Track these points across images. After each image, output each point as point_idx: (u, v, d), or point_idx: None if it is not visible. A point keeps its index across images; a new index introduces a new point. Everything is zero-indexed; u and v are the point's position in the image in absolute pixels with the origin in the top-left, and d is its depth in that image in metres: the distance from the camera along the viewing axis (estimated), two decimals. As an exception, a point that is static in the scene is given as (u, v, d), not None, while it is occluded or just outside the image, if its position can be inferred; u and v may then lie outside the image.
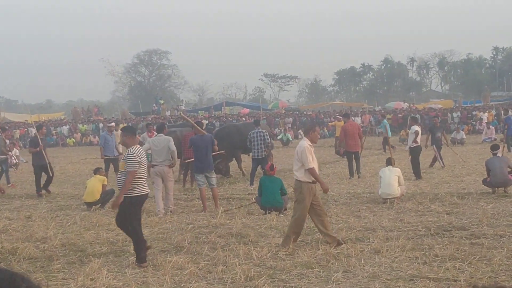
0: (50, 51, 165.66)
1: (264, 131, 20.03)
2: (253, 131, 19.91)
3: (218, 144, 18.26)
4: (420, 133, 21.40)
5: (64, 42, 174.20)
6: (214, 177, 16.03)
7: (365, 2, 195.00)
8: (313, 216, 11.27)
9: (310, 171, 10.95)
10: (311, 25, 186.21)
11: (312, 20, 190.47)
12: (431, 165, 23.78)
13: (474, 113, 51.37)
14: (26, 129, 57.90)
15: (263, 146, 19.52)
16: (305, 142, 11.17)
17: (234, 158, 23.77)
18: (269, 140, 19.99)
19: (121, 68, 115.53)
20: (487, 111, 51.05)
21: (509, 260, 9.44)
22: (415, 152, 20.84)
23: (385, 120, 36.16)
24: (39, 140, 20.21)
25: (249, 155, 25.42)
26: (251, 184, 19.98)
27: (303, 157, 10.94)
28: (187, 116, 28.88)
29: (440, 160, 23.68)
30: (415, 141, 20.97)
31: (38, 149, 19.82)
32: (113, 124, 25.86)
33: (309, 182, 11.01)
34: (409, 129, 22.98)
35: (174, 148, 15.92)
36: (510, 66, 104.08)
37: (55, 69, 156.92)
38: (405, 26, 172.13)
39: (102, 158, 22.93)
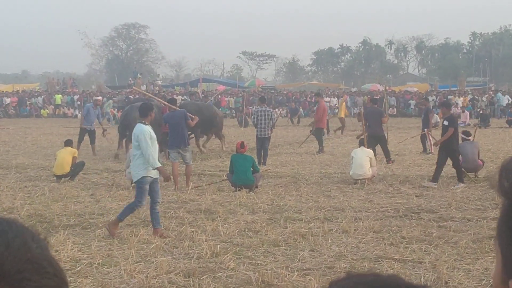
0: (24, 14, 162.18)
1: (270, 110, 19.38)
2: (259, 109, 19.31)
3: None
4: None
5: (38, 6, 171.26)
6: (189, 154, 15.73)
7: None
8: None
9: None
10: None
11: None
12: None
13: (449, 97, 51.56)
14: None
15: (268, 125, 19.12)
16: None
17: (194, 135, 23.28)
18: (275, 121, 19.32)
19: (98, 41, 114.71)
20: (462, 96, 51.28)
21: (475, 244, 9.49)
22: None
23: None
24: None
25: (206, 136, 24.54)
26: (264, 164, 19.10)
27: None
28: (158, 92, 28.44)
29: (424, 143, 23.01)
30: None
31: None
32: (99, 97, 25.56)
33: None
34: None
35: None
36: (487, 52, 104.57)
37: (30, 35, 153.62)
38: (384, 5, 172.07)
39: (81, 127, 23.00)
